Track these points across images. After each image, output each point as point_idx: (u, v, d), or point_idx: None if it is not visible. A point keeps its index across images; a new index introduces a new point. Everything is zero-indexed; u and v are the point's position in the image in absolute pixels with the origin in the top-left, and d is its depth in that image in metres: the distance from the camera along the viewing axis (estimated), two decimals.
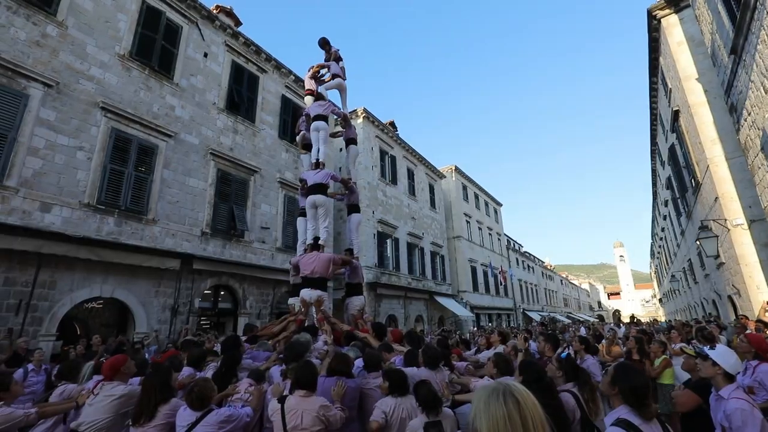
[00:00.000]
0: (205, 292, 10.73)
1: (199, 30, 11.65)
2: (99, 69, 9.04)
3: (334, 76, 7.48)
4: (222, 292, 11.50)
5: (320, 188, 6.16)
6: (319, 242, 5.94)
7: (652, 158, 22.97)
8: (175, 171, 10.22)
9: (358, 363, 3.54)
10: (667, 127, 14.93)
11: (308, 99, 7.31)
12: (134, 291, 8.90)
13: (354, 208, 7.22)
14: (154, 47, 10.30)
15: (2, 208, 7.13)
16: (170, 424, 2.56)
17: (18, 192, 7.36)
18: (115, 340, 7.70)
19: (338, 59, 8.07)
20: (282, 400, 2.56)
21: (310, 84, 7.44)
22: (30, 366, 5.57)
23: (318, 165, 6.43)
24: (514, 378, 2.75)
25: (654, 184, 26.65)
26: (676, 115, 12.19)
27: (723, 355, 2.24)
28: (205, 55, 11.80)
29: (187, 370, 3.51)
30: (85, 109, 8.62)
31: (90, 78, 8.84)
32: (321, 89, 7.27)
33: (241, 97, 12.69)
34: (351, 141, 7.71)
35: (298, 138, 7.72)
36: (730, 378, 2.20)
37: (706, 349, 2.35)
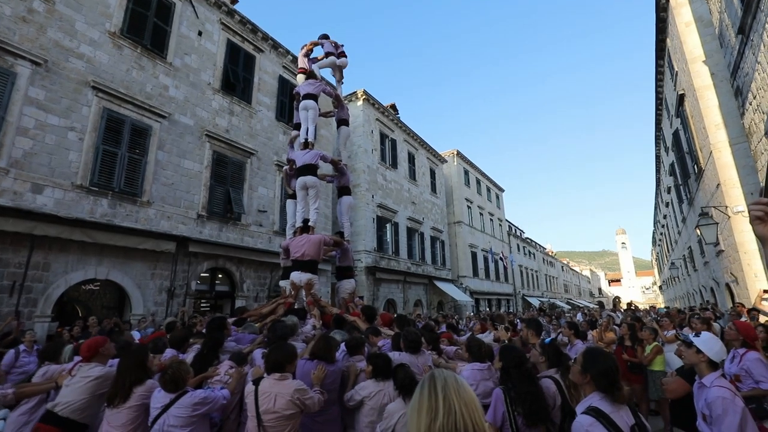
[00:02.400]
0: (202, 274, 10.75)
1: (193, 7, 11.33)
2: (89, 47, 8.83)
3: (327, 55, 7.26)
4: (220, 275, 11.53)
5: (310, 169, 6.04)
6: (309, 224, 5.86)
7: (657, 144, 22.64)
8: (169, 153, 10.10)
9: (342, 346, 3.51)
10: (672, 112, 14.63)
11: (300, 78, 7.12)
12: (130, 273, 8.91)
13: (345, 191, 7.11)
14: (146, 24, 10.04)
15: None
16: (145, 406, 2.54)
17: (8, 173, 7.28)
18: (110, 321, 7.73)
19: (337, 46, 7.82)
20: (257, 382, 2.53)
21: (303, 62, 7.23)
22: (22, 347, 5.58)
23: (307, 145, 6.29)
24: (493, 363, 2.71)
25: (657, 171, 26.37)
26: (681, 99, 11.90)
27: (707, 342, 2.17)
28: (200, 33, 11.51)
29: (169, 352, 3.49)
30: (76, 88, 8.45)
31: (80, 56, 8.64)
32: (314, 68, 7.06)
33: (237, 78, 12.43)
34: (343, 122, 7.54)
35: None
36: (713, 366, 2.14)
37: (690, 336, 2.28)
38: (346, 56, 7.92)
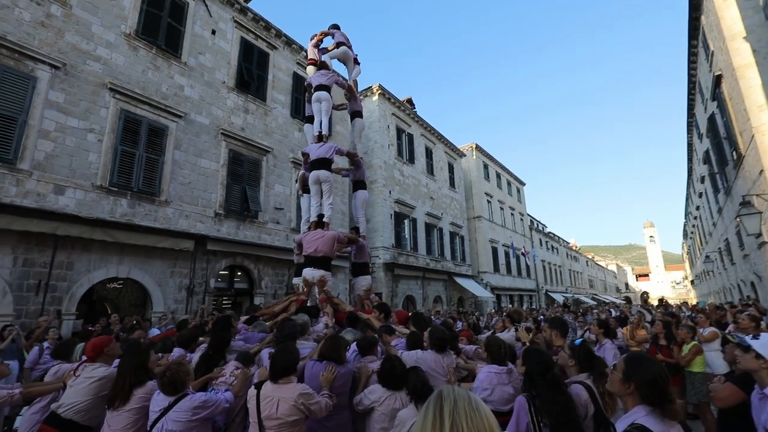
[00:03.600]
0: (221, 272, 10.82)
1: (206, 6, 11.35)
2: (105, 49, 8.94)
3: (338, 45, 7.05)
4: (239, 273, 11.60)
5: (324, 163, 5.86)
6: (324, 220, 5.70)
7: (689, 131, 21.48)
8: (186, 152, 10.17)
9: (354, 346, 3.33)
10: (706, 96, 13.77)
11: (310, 69, 6.94)
12: (150, 271, 9.02)
13: (360, 185, 6.90)
14: (160, 25, 10.11)
15: (17, 190, 7.24)
16: (146, 409, 2.42)
17: (31, 175, 7.45)
18: (131, 319, 7.84)
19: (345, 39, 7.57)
20: (259, 385, 2.37)
21: (312, 53, 7.05)
22: (46, 344, 5.68)
23: (321, 138, 6.12)
24: (516, 367, 2.45)
25: (690, 160, 25.05)
26: (717, 80, 11.12)
27: None
28: (213, 32, 11.54)
29: (177, 351, 3.40)
30: (94, 90, 8.58)
31: (97, 58, 8.76)
32: (325, 58, 6.87)
33: (251, 76, 12.43)
34: (356, 114, 7.32)
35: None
36: None
37: (747, 338, 1.97)
38: (359, 63, 7.64)
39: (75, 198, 7.97)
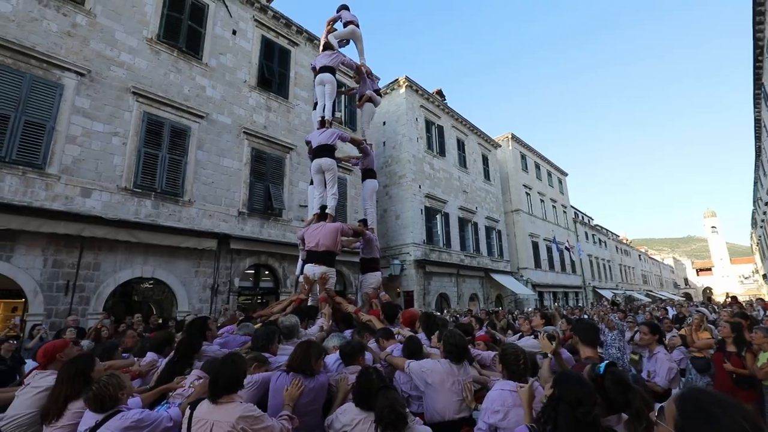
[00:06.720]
0: (246, 271, 10.81)
1: (226, 6, 11.39)
2: (128, 54, 9.13)
3: (346, 24, 6.61)
4: (265, 272, 11.57)
5: (326, 150, 5.46)
6: (327, 211, 5.30)
7: (756, 105, 19.00)
8: (208, 152, 10.23)
9: (333, 356, 2.86)
10: None
11: None
12: (174, 271, 9.12)
13: (369, 173, 6.42)
14: (181, 28, 10.23)
15: (46, 194, 7.50)
16: None
17: (60, 179, 7.70)
18: (155, 318, 7.91)
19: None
20: (195, 405, 1.98)
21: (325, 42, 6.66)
22: (85, 342, 5.75)
23: (324, 123, 5.72)
24: (544, 388, 1.82)
25: (758, 138, 22.24)
26: None
27: None
28: (234, 32, 11.56)
29: (149, 356, 3.12)
30: (118, 95, 8.78)
31: (120, 64, 8.96)
32: (330, 38, 6.44)
33: (272, 74, 12.37)
34: (366, 98, 6.85)
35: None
36: None
37: None
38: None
39: (101, 200, 8.17)
